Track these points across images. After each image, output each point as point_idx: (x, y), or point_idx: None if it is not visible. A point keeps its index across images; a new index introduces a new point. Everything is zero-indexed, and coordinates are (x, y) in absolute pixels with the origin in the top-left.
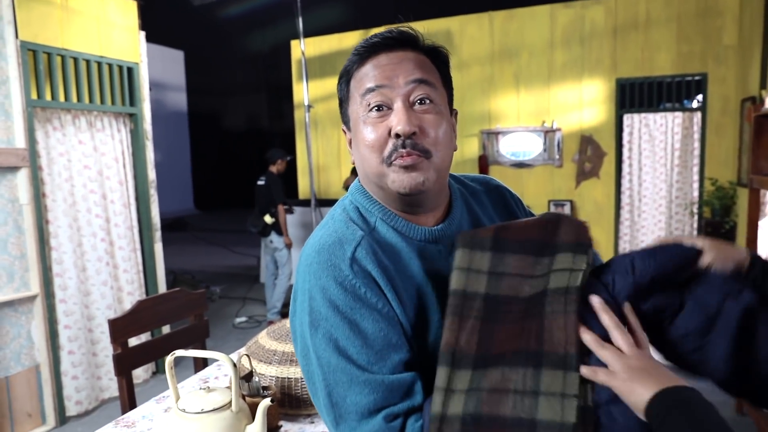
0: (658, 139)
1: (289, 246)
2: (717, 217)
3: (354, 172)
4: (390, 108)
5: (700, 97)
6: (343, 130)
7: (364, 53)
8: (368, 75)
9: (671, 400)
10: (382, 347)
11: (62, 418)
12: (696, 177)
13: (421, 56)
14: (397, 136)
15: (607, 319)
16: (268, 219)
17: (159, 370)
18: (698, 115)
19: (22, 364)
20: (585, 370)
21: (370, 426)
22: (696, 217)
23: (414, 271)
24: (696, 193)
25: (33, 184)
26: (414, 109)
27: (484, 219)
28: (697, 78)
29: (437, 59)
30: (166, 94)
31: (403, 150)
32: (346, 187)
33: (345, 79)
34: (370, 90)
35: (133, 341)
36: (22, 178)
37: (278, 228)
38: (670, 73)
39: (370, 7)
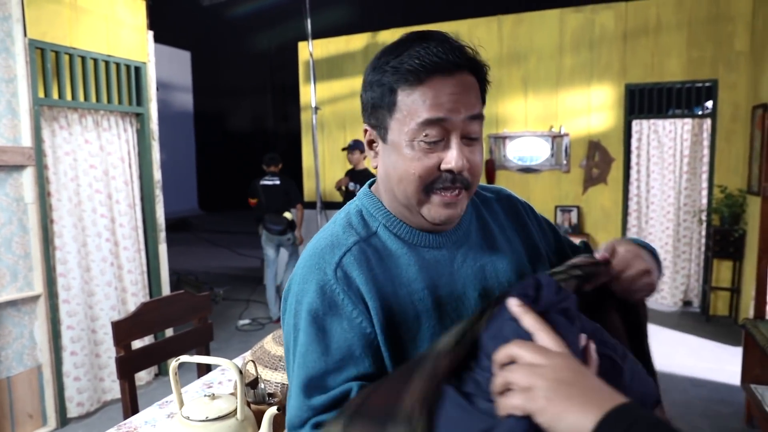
0: (666, 146)
1: (301, 242)
2: (726, 225)
3: (347, 174)
4: (442, 140)
5: (710, 103)
6: (366, 129)
7: (422, 72)
8: (427, 102)
9: (623, 427)
10: (342, 357)
11: (63, 419)
12: (705, 184)
13: (473, 79)
14: (450, 171)
15: (529, 320)
16: (289, 216)
17: (161, 372)
18: (708, 122)
19: (24, 364)
20: (497, 390)
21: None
22: (704, 225)
23: (411, 277)
24: (705, 201)
25: (38, 183)
26: (464, 143)
27: (494, 226)
28: (707, 84)
29: (479, 76)
30: (172, 95)
31: (451, 185)
32: (338, 188)
33: (389, 88)
34: (431, 122)
35: (137, 343)
36: (28, 177)
37: (294, 225)
38: (680, 79)
39: (378, 8)
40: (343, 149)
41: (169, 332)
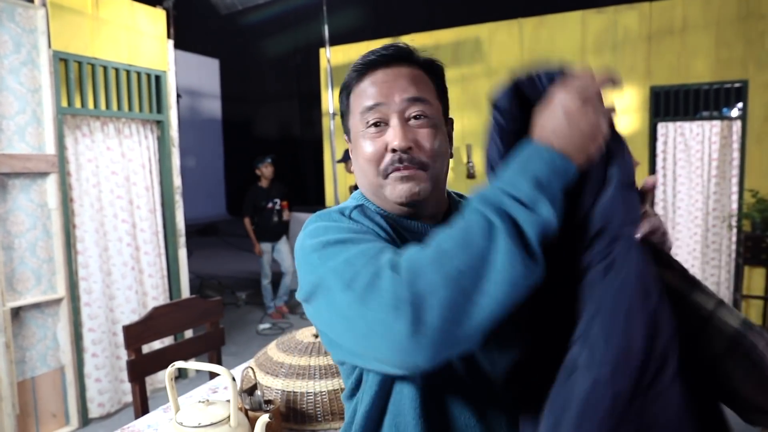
0: (694, 149)
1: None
2: (758, 231)
3: (351, 189)
4: (387, 124)
5: (740, 105)
6: (345, 139)
7: (362, 69)
8: (366, 92)
9: None
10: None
11: (85, 419)
12: (735, 188)
13: (416, 71)
14: (394, 150)
15: None
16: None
17: (181, 375)
18: (738, 124)
19: (47, 365)
20: None
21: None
22: (735, 230)
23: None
24: (735, 206)
25: (61, 189)
26: (409, 124)
27: None
28: (737, 85)
29: (432, 72)
30: (201, 102)
31: (400, 164)
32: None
33: (345, 93)
34: (369, 108)
35: (156, 345)
36: (51, 183)
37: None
38: (708, 80)
39: (401, 14)
40: (339, 161)
41: (188, 334)
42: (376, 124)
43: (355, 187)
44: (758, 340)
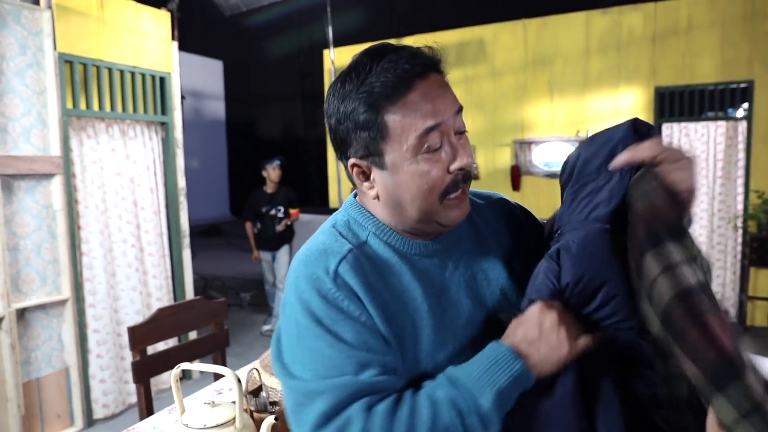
0: (699, 150)
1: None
2: (764, 232)
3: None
4: (441, 144)
5: (746, 105)
6: (353, 164)
7: (401, 85)
8: (419, 112)
9: None
10: (365, 352)
11: (90, 420)
12: (740, 189)
13: (440, 75)
14: (460, 169)
15: None
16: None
17: (185, 376)
18: (743, 125)
19: (52, 366)
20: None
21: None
22: (740, 232)
23: (405, 286)
24: (740, 206)
25: (66, 190)
26: (457, 138)
27: (486, 231)
28: (742, 85)
29: (443, 74)
30: (204, 104)
31: (465, 184)
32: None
33: (372, 112)
34: (430, 129)
35: (161, 346)
36: (57, 185)
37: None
38: (713, 80)
39: (405, 15)
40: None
41: (192, 335)
42: (436, 147)
43: None
44: (703, 301)
